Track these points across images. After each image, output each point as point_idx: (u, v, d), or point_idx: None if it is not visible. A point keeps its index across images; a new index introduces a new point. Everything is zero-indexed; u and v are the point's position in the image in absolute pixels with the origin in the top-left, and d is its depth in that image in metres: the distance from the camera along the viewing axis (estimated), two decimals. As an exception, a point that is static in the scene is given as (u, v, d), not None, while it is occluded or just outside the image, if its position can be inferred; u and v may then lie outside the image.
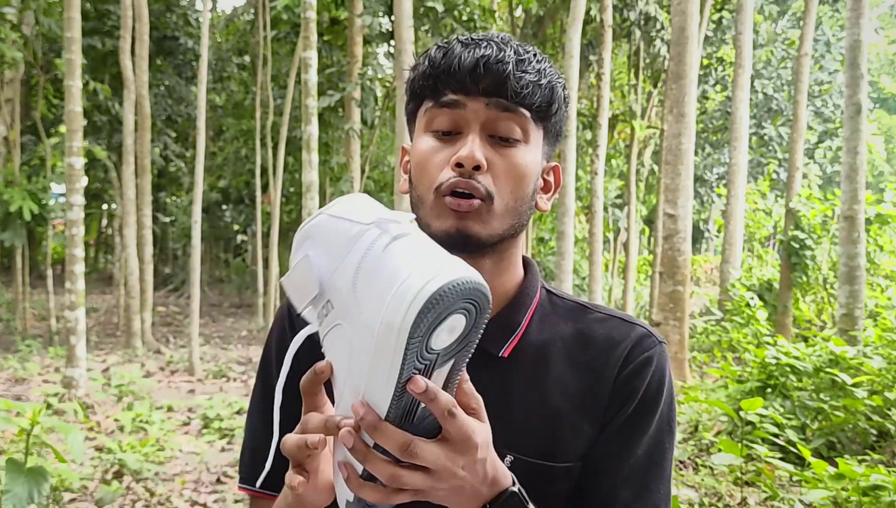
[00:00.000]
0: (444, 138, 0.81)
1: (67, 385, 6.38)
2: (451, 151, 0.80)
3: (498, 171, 0.79)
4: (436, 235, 0.80)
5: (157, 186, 17.22)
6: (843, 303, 6.36)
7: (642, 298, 14.56)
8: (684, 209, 6.87)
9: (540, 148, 0.84)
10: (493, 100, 0.79)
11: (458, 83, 0.79)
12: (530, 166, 0.82)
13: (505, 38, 0.82)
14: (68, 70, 6.42)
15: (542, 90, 0.80)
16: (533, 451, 0.81)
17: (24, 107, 13.03)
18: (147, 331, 10.13)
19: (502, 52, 0.79)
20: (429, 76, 0.81)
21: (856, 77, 6.30)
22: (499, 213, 0.80)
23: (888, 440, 4.64)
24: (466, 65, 0.78)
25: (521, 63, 0.79)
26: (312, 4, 6.21)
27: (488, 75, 0.78)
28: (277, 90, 14.02)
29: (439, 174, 0.80)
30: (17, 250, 11.00)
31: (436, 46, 0.82)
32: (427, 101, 0.83)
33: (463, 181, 0.78)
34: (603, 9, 9.05)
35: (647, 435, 0.83)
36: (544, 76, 0.81)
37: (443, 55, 0.80)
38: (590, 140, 11.67)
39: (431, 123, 0.82)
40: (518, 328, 0.86)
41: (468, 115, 0.79)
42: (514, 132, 0.80)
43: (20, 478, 2.47)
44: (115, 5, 12.24)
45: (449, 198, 0.79)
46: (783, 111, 15.89)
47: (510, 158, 0.80)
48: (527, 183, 0.82)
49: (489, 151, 0.80)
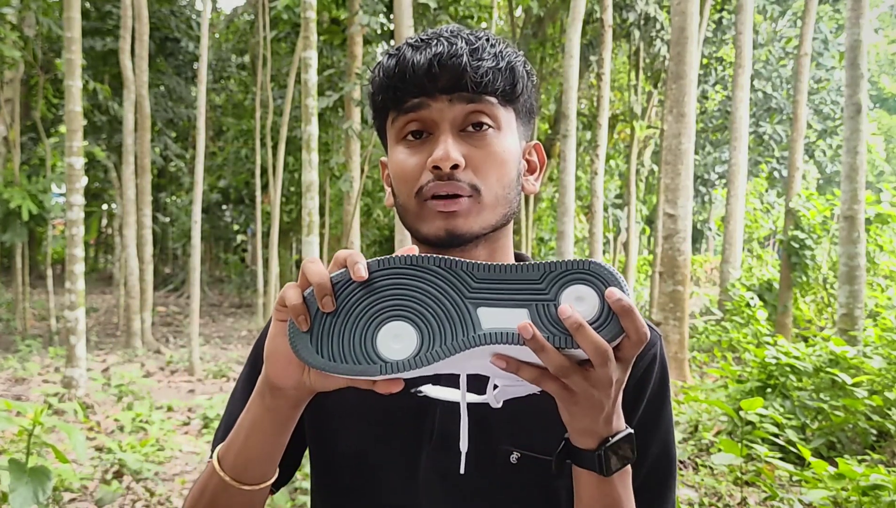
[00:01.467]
0: (415, 143, 0.80)
1: (67, 385, 6.38)
2: (426, 154, 0.79)
3: (477, 163, 0.78)
4: (426, 238, 0.80)
5: (157, 186, 17.24)
6: (843, 303, 6.36)
7: (642, 298, 14.57)
8: (684, 209, 6.87)
9: (514, 131, 0.83)
10: (456, 95, 0.78)
11: (416, 87, 0.78)
12: (509, 151, 0.81)
13: (454, 30, 0.80)
14: (68, 70, 6.42)
15: (502, 73, 0.79)
16: (539, 447, 0.81)
17: (24, 107, 13.03)
18: (147, 331, 10.13)
19: (453, 45, 0.77)
20: (387, 87, 0.80)
21: (856, 77, 6.30)
22: (489, 204, 0.79)
23: (888, 441, 4.64)
24: (421, 67, 0.77)
25: (476, 52, 0.78)
26: (312, 4, 6.21)
27: (444, 72, 0.77)
28: (277, 90, 14.03)
29: (418, 178, 0.79)
30: (17, 250, 11.01)
31: (387, 55, 0.81)
32: (391, 112, 0.81)
33: (444, 184, 0.77)
34: (603, 9, 9.05)
35: (663, 423, 0.86)
36: (502, 59, 0.79)
37: (395, 62, 0.79)
38: (590, 140, 11.68)
39: (400, 131, 0.81)
40: None
41: (434, 114, 0.78)
42: (484, 120, 0.79)
43: (24, 478, 2.47)
44: (115, 5, 12.25)
45: (433, 201, 0.78)
46: (782, 109, 15.89)
47: (486, 147, 0.79)
48: (509, 168, 0.81)
49: (463, 145, 0.78)
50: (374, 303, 0.65)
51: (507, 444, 0.81)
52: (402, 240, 5.91)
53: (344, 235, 10.43)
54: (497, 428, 0.82)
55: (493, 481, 0.81)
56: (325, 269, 0.66)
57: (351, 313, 0.65)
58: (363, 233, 13.48)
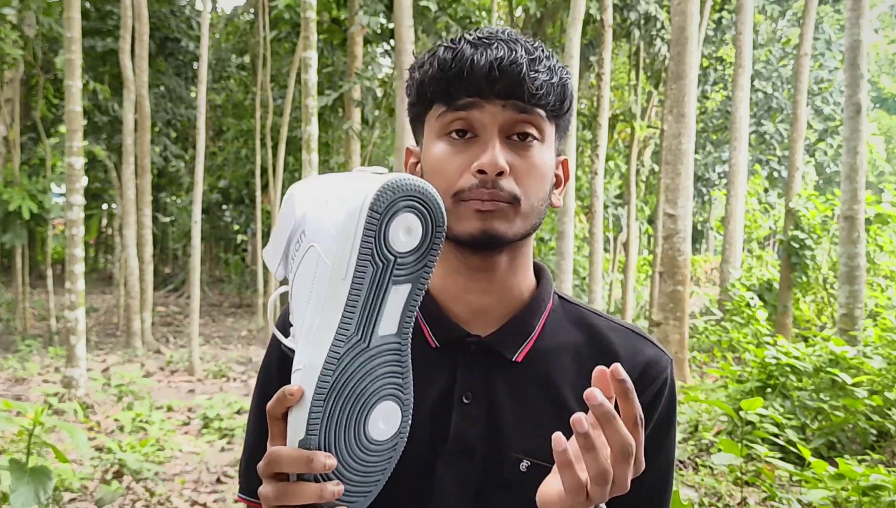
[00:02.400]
0: (459, 142, 0.80)
1: (67, 385, 6.38)
2: (470, 156, 0.79)
3: (520, 173, 0.79)
4: (459, 237, 0.80)
5: (157, 186, 17.23)
6: (843, 303, 6.36)
7: (642, 298, 14.56)
8: (684, 209, 6.87)
9: (553, 145, 0.84)
10: (510, 102, 0.78)
11: (472, 87, 0.78)
12: (548, 165, 0.82)
13: (512, 34, 0.80)
14: (68, 70, 6.42)
15: (555, 89, 0.79)
16: (549, 456, 0.81)
17: (24, 107, 13.03)
18: (147, 331, 10.13)
19: (514, 52, 0.77)
20: (440, 80, 0.79)
21: (856, 77, 6.30)
22: (525, 213, 0.80)
23: (888, 440, 4.64)
24: (480, 67, 0.77)
25: (534, 63, 0.78)
26: (312, 4, 6.21)
27: (503, 77, 0.77)
28: (277, 90, 14.03)
29: (459, 179, 0.79)
30: (17, 250, 11.01)
31: (443, 47, 0.80)
32: (438, 105, 0.81)
33: (486, 191, 0.77)
34: (603, 9, 9.04)
35: (664, 452, 0.86)
36: (556, 74, 0.80)
37: (453, 57, 0.78)
38: (590, 140, 11.67)
39: (446, 127, 0.81)
40: (532, 332, 0.86)
41: (485, 118, 0.78)
42: (531, 132, 0.80)
43: (24, 478, 2.47)
44: (115, 5, 12.24)
45: (472, 202, 0.78)
46: (783, 109, 15.88)
47: (530, 158, 0.80)
48: (546, 181, 0.82)
49: (509, 153, 0.79)
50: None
51: (518, 452, 0.81)
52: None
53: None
54: (508, 436, 0.82)
55: (503, 487, 0.81)
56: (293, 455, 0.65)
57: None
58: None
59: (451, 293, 0.86)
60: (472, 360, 0.84)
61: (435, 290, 0.88)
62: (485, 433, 0.81)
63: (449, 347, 0.84)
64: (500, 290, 0.85)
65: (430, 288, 0.88)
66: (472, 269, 0.84)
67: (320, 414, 0.63)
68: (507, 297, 0.86)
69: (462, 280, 0.85)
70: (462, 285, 0.85)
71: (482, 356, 0.84)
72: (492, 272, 0.84)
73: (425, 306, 0.87)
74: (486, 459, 0.81)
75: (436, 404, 0.82)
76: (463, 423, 0.82)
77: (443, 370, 0.84)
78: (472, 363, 0.84)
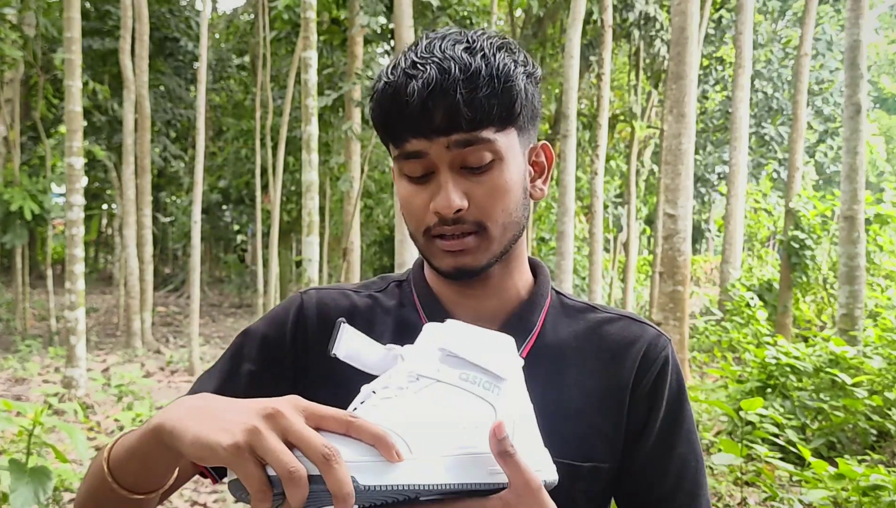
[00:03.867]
0: (419, 182, 0.80)
1: (67, 385, 6.38)
2: (429, 194, 0.78)
3: (481, 201, 0.78)
4: (438, 270, 0.82)
5: (156, 187, 17.24)
6: (843, 303, 6.36)
7: (642, 298, 14.57)
8: (684, 209, 6.86)
9: (517, 149, 0.81)
10: (452, 139, 0.75)
11: (412, 127, 0.76)
12: (512, 179, 0.80)
13: (448, 50, 0.76)
14: (68, 70, 6.42)
15: (499, 99, 0.75)
16: (557, 452, 0.80)
17: (24, 107, 13.03)
18: (147, 331, 10.13)
19: (446, 74, 0.74)
20: (384, 125, 0.79)
21: (856, 77, 6.30)
22: (496, 236, 0.80)
23: (888, 441, 4.64)
24: (414, 105, 0.74)
25: (470, 80, 0.74)
26: (312, 4, 6.21)
27: (438, 110, 0.74)
28: (277, 90, 14.02)
29: (424, 218, 0.79)
30: (17, 250, 11.01)
31: (383, 80, 0.78)
32: (391, 148, 0.81)
33: (449, 228, 0.78)
34: (603, 9, 9.05)
35: (684, 429, 0.86)
36: (497, 79, 0.75)
37: (391, 93, 0.76)
38: (590, 140, 11.67)
39: (402, 169, 0.81)
40: (533, 328, 0.86)
41: (434, 159, 0.77)
42: (484, 159, 0.77)
43: (24, 478, 2.47)
44: (115, 5, 12.24)
45: (440, 241, 0.79)
46: (783, 110, 15.88)
47: (489, 183, 0.78)
48: (513, 195, 0.80)
49: (465, 183, 0.77)
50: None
51: None
52: (403, 240, 5.91)
53: (344, 235, 10.43)
54: None
55: None
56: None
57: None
58: (363, 233, 13.47)
59: (450, 297, 0.87)
60: None
61: (436, 291, 0.88)
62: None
63: None
64: (496, 293, 0.86)
65: (434, 290, 0.89)
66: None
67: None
68: (505, 297, 0.87)
69: (457, 287, 0.86)
70: (459, 292, 0.86)
71: None
72: (486, 281, 0.85)
73: (428, 306, 0.87)
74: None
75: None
76: None
77: None
78: None
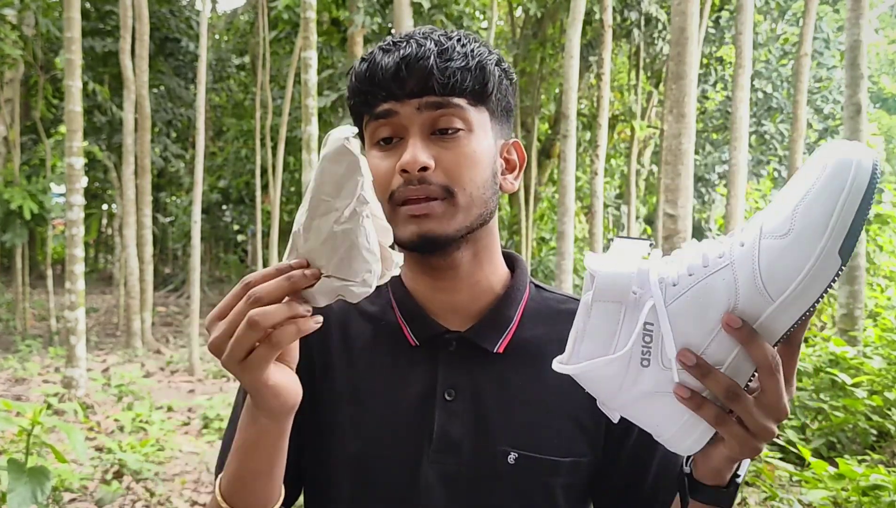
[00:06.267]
0: (387, 147, 0.80)
1: (67, 385, 6.38)
2: (396, 158, 0.79)
3: (448, 165, 0.78)
4: (402, 243, 0.79)
5: (156, 187, 17.22)
6: (843, 303, 6.36)
7: (642, 298, 14.52)
8: (684, 209, 6.86)
9: (488, 131, 0.82)
10: (423, 100, 0.77)
11: (385, 91, 0.78)
12: (481, 152, 0.80)
13: (426, 32, 0.80)
14: (68, 70, 6.42)
15: (472, 73, 0.78)
16: (537, 447, 0.81)
17: (24, 107, 13.03)
18: (147, 331, 10.13)
19: (422, 47, 0.77)
20: (358, 92, 0.81)
21: (856, 77, 6.30)
22: (463, 206, 0.78)
23: (888, 441, 4.64)
24: (389, 70, 0.77)
25: (444, 53, 0.77)
26: (312, 4, 6.21)
27: (412, 75, 0.77)
28: (277, 90, 14.02)
29: (390, 183, 0.79)
30: (17, 250, 11.01)
31: (360, 59, 0.81)
32: (365, 116, 0.82)
33: (414, 189, 0.77)
34: (603, 9, 9.04)
35: None
36: (472, 58, 0.78)
37: (366, 66, 0.79)
38: (590, 140, 11.67)
39: (373, 136, 0.81)
40: (511, 323, 0.85)
41: (403, 120, 0.78)
42: (454, 123, 0.78)
43: (22, 478, 2.47)
44: (115, 5, 12.24)
45: (405, 206, 0.78)
46: (783, 109, 15.88)
47: (458, 148, 0.78)
48: (482, 168, 0.80)
49: (434, 148, 0.78)
50: None
51: (505, 444, 0.81)
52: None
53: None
54: (494, 429, 0.81)
55: (491, 481, 0.81)
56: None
57: None
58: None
59: (424, 293, 0.86)
60: (452, 356, 0.84)
61: (411, 289, 0.87)
62: (470, 428, 0.81)
63: (429, 344, 0.84)
64: (468, 286, 0.85)
65: (407, 287, 0.88)
66: (435, 268, 0.84)
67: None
68: (477, 291, 0.86)
69: (429, 280, 0.85)
70: (430, 285, 0.85)
71: (463, 351, 0.84)
72: (455, 270, 0.84)
73: (404, 304, 0.86)
74: (473, 454, 0.81)
75: (419, 403, 0.82)
76: (447, 421, 0.81)
77: (424, 369, 0.83)
78: (452, 359, 0.83)
